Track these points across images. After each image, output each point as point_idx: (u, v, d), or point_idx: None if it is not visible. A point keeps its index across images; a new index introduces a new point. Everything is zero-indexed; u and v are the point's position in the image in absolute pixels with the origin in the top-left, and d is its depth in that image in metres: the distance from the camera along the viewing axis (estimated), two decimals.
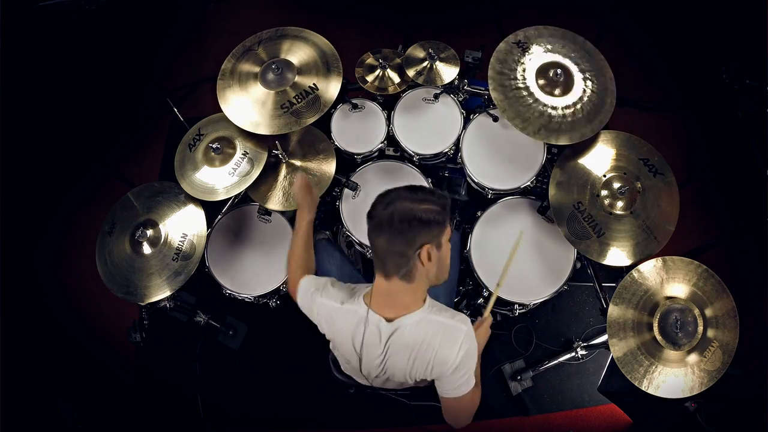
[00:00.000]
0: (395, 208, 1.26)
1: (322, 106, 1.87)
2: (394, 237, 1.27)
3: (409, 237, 1.27)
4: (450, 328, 1.37)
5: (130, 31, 2.94)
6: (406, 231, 1.26)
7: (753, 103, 1.94)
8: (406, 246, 1.27)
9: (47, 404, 2.05)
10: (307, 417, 2.47)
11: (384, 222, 1.26)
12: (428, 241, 1.28)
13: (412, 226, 1.25)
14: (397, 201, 1.27)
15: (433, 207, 1.28)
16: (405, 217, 1.25)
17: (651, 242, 1.79)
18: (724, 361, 1.64)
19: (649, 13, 3.29)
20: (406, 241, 1.27)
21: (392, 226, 1.25)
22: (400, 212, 1.25)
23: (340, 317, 1.45)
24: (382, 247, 1.30)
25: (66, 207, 3.00)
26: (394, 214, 1.25)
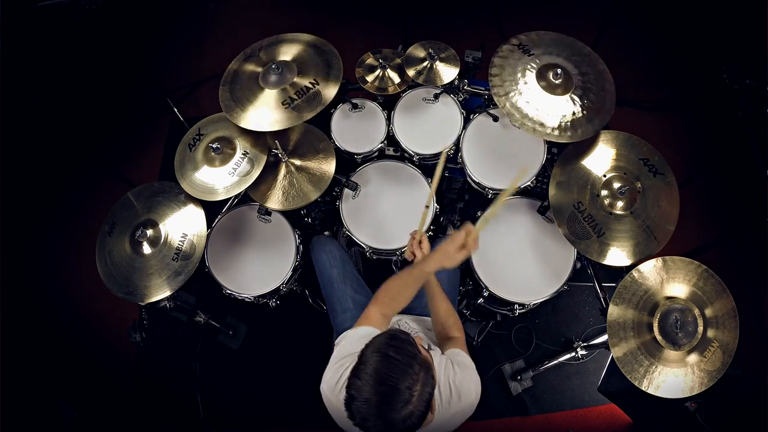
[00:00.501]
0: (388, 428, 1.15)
1: (322, 102, 1.87)
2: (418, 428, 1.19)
3: (426, 411, 1.20)
4: (466, 405, 1.40)
5: (130, 31, 2.94)
6: (423, 418, 1.19)
7: (753, 103, 1.94)
8: (425, 415, 1.21)
9: (47, 404, 2.05)
10: (307, 417, 2.46)
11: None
12: (431, 402, 1.22)
13: (417, 424, 1.18)
14: (380, 420, 1.15)
15: (420, 392, 1.17)
16: (406, 425, 1.16)
17: (651, 242, 1.78)
18: (724, 361, 1.64)
19: (649, 13, 3.30)
20: (424, 416, 1.20)
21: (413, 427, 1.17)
22: (411, 420, 1.15)
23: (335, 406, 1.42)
24: None
25: (66, 207, 3.00)
26: (410, 426, 1.16)
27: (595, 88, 1.88)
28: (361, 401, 1.16)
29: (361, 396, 1.16)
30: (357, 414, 1.16)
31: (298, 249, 2.12)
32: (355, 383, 1.18)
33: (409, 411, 1.15)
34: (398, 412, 1.15)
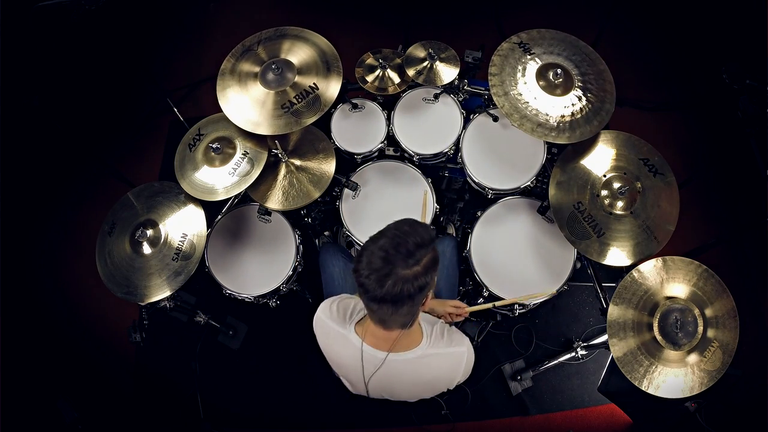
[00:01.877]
0: (395, 283, 1.14)
1: (322, 106, 1.87)
2: (398, 307, 1.19)
3: (416, 302, 1.21)
4: (451, 356, 1.41)
5: (130, 31, 2.95)
6: (412, 299, 1.19)
7: (753, 103, 1.95)
8: (411, 309, 1.23)
9: (47, 404, 2.05)
10: (307, 417, 2.47)
11: (385, 298, 1.16)
12: (427, 293, 1.24)
13: (416, 293, 1.18)
14: (392, 271, 1.14)
15: (429, 259, 1.18)
16: (408, 289, 1.15)
17: (651, 242, 1.79)
18: (724, 361, 1.63)
19: (650, 13, 3.30)
20: (411, 306, 1.22)
21: (398, 301, 1.17)
22: (401, 287, 1.15)
23: (333, 338, 1.46)
24: (385, 314, 1.22)
25: (66, 207, 3.00)
26: (396, 289, 1.15)
27: (595, 88, 1.88)
28: (375, 248, 1.16)
29: (375, 244, 1.17)
30: (366, 263, 1.16)
31: (298, 249, 2.12)
32: (371, 240, 1.20)
33: (414, 272, 1.15)
34: (406, 266, 1.14)
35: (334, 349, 1.49)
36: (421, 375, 1.42)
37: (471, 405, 2.40)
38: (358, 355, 1.40)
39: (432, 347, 1.39)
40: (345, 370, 1.52)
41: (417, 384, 1.46)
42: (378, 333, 1.34)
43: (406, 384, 1.45)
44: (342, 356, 1.47)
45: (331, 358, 1.53)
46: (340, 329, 1.43)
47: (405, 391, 1.49)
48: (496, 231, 2.10)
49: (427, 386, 1.47)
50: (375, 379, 1.44)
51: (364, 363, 1.41)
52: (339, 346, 1.45)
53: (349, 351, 1.42)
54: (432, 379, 1.44)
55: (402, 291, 1.15)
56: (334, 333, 1.44)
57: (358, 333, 1.40)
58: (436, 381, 1.45)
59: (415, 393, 1.52)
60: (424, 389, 1.49)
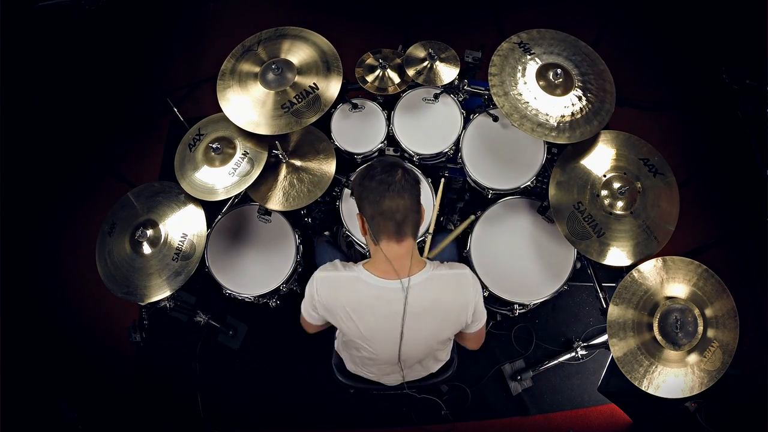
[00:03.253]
0: (403, 169, 1.35)
1: (323, 106, 1.87)
2: (412, 195, 1.35)
3: (418, 192, 1.39)
4: (457, 277, 1.46)
5: (130, 31, 2.94)
6: (416, 187, 1.37)
7: (753, 103, 1.94)
8: (418, 201, 1.39)
9: (47, 404, 2.05)
10: (307, 417, 2.47)
11: (402, 184, 1.32)
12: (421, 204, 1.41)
13: (417, 181, 1.38)
14: (397, 163, 1.36)
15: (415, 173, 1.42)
16: (413, 175, 1.37)
17: (651, 242, 1.79)
18: (724, 361, 1.64)
19: (649, 13, 3.30)
20: (418, 197, 1.38)
21: (409, 186, 1.34)
22: (409, 172, 1.36)
23: (344, 287, 1.45)
24: (403, 208, 1.34)
25: (66, 207, 3.00)
26: (407, 175, 1.35)
27: (595, 88, 1.88)
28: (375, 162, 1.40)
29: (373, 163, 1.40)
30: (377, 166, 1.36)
31: (298, 249, 2.12)
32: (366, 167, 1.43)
33: (410, 167, 1.40)
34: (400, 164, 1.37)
35: (350, 300, 1.42)
36: (436, 299, 1.43)
37: (471, 405, 2.40)
38: (377, 293, 1.40)
39: (436, 269, 1.44)
40: (371, 322, 1.44)
41: (436, 311, 1.44)
42: (396, 252, 1.37)
43: (427, 314, 1.43)
44: (362, 304, 1.42)
45: (353, 316, 1.44)
46: (349, 273, 1.44)
47: (428, 325, 1.46)
48: (496, 231, 2.10)
49: (446, 314, 1.47)
50: (407, 316, 1.41)
51: (386, 301, 1.40)
52: (354, 292, 1.42)
53: (366, 293, 1.40)
54: (446, 302, 1.45)
55: (410, 178, 1.35)
56: (344, 279, 1.44)
57: (370, 270, 1.42)
58: (452, 304, 1.46)
59: (437, 327, 1.49)
60: (444, 319, 1.48)
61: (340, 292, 1.45)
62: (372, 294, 1.41)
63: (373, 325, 1.46)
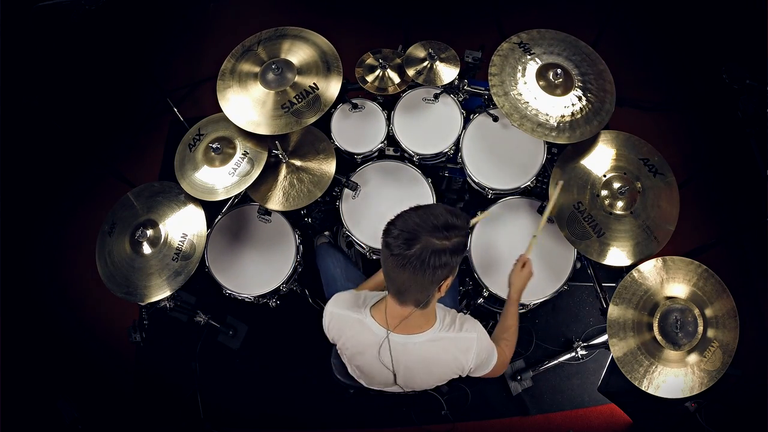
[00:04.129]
0: (422, 249, 1.15)
1: (323, 106, 1.87)
2: (419, 276, 1.19)
3: (436, 278, 1.21)
4: (460, 341, 1.41)
5: (130, 31, 2.94)
6: (432, 272, 1.19)
7: (753, 103, 1.94)
8: (431, 284, 1.23)
9: (47, 404, 2.05)
10: (307, 417, 2.47)
11: (409, 262, 1.16)
12: (449, 275, 1.25)
13: (438, 268, 1.18)
14: (421, 238, 1.16)
15: (458, 241, 1.20)
16: (433, 260, 1.16)
17: (651, 242, 1.79)
18: (724, 361, 1.64)
19: (649, 13, 3.29)
20: (432, 281, 1.22)
21: (420, 267, 1.17)
22: (428, 254, 1.16)
23: (349, 327, 1.46)
24: (403, 282, 1.23)
25: (66, 207, 3.00)
26: (422, 257, 1.16)
27: (595, 88, 1.88)
28: (412, 214, 1.21)
29: (413, 212, 1.22)
30: (400, 225, 1.20)
31: (298, 249, 2.12)
32: (411, 209, 1.25)
33: (443, 245, 1.17)
34: (436, 237, 1.16)
35: (351, 336, 1.46)
36: (431, 359, 1.42)
37: (471, 405, 2.40)
38: (378, 340, 1.40)
39: (442, 332, 1.40)
40: (368, 359, 1.48)
41: (429, 367, 1.46)
42: (395, 311, 1.34)
43: (420, 367, 1.45)
44: (362, 343, 1.45)
45: (351, 348, 1.50)
46: (355, 315, 1.43)
47: (420, 376, 1.49)
48: (496, 231, 2.10)
49: (439, 371, 1.47)
50: (395, 361, 1.43)
51: (383, 348, 1.41)
52: (357, 334, 1.44)
53: (368, 337, 1.42)
54: (442, 363, 1.44)
55: (426, 259, 1.16)
56: (351, 321, 1.44)
57: (375, 317, 1.40)
58: (446, 366, 1.45)
59: (429, 378, 1.51)
60: (437, 374, 1.49)
61: (344, 331, 1.48)
62: (371, 341, 1.42)
63: (368, 367, 1.52)
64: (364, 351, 1.46)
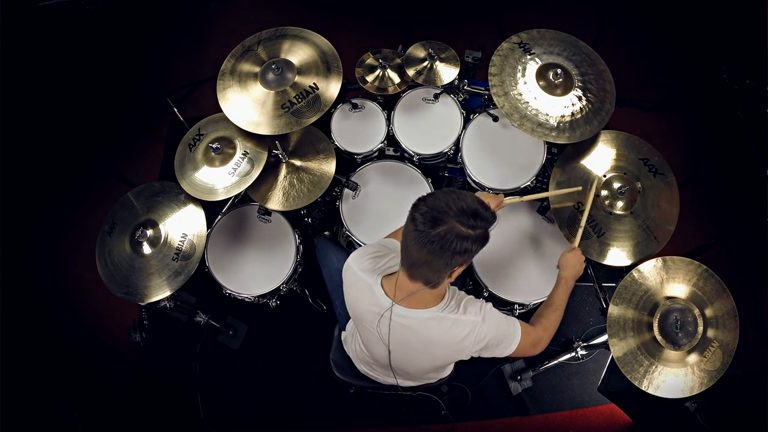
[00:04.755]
0: (447, 231, 1.18)
1: (323, 106, 1.87)
2: (436, 257, 1.21)
3: (452, 262, 1.23)
4: (460, 324, 1.40)
5: (130, 31, 2.94)
6: (450, 256, 1.21)
7: (753, 103, 1.94)
8: (444, 267, 1.25)
9: (47, 404, 2.05)
10: (307, 417, 2.47)
11: (431, 241, 1.18)
12: (464, 263, 1.27)
13: (457, 254, 1.21)
14: (448, 221, 1.18)
15: (482, 232, 1.23)
16: (455, 245, 1.19)
17: (651, 242, 1.79)
18: (724, 361, 1.64)
19: (650, 13, 3.29)
20: (446, 264, 1.24)
21: (439, 249, 1.19)
22: (451, 238, 1.18)
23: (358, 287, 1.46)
24: (419, 258, 1.24)
25: (66, 207, 3.00)
26: (445, 239, 1.18)
27: (595, 88, 1.88)
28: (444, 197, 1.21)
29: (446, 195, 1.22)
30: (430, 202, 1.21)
31: (298, 249, 2.12)
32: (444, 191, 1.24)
33: (466, 233, 1.19)
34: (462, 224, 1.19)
35: (357, 299, 1.48)
36: (430, 338, 1.41)
37: (471, 405, 2.40)
38: (380, 310, 1.40)
39: (445, 311, 1.39)
40: (367, 326, 1.49)
41: (427, 347, 1.45)
42: (404, 283, 1.34)
43: (418, 345, 1.45)
44: (364, 309, 1.46)
45: (354, 310, 1.53)
46: (367, 279, 1.43)
47: (418, 353, 1.49)
48: (496, 231, 2.09)
49: (437, 352, 1.47)
50: (392, 336, 1.44)
51: (384, 318, 1.41)
52: (363, 295, 1.44)
53: (372, 303, 1.42)
54: (441, 344, 1.43)
55: (449, 242, 1.18)
56: (362, 284, 1.44)
57: (384, 287, 1.41)
58: (445, 347, 1.44)
59: (427, 357, 1.51)
60: (434, 355, 1.49)
61: (352, 289, 1.49)
62: (374, 309, 1.43)
63: (367, 332, 1.52)
64: (364, 318, 1.47)
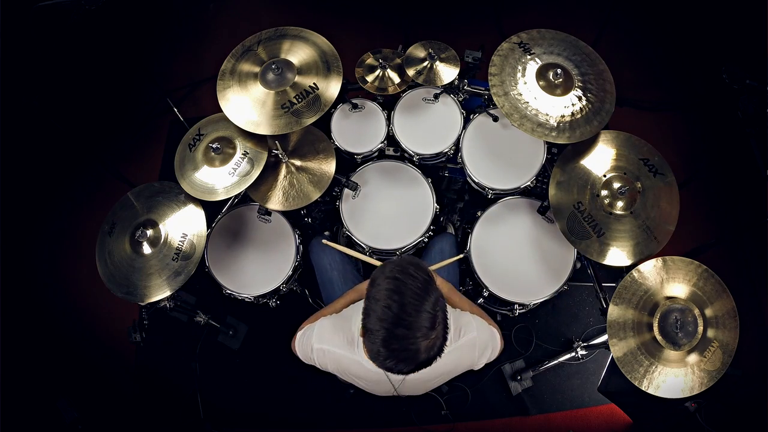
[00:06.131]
0: (426, 358, 1.16)
1: (323, 106, 1.87)
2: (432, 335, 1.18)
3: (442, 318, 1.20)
4: (463, 348, 1.42)
5: (130, 31, 2.94)
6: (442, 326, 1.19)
7: (753, 103, 1.95)
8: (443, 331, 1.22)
9: (47, 404, 2.05)
10: (307, 417, 2.47)
11: (425, 364, 1.18)
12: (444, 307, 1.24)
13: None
14: (420, 355, 1.15)
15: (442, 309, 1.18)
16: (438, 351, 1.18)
17: (651, 242, 1.79)
18: (724, 361, 1.64)
19: (649, 13, 3.29)
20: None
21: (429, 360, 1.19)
22: (433, 352, 1.16)
23: (347, 365, 1.44)
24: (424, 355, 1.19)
25: (66, 207, 3.00)
26: (432, 356, 1.17)
27: (595, 88, 1.88)
28: (382, 335, 1.13)
29: (382, 327, 1.13)
30: (386, 351, 1.14)
31: (298, 249, 2.12)
32: (371, 319, 1.15)
33: (436, 335, 1.15)
34: (427, 338, 1.13)
35: (351, 372, 1.46)
36: (439, 372, 1.43)
37: (471, 405, 2.41)
38: (380, 376, 1.38)
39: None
40: (368, 386, 1.52)
41: (438, 378, 1.48)
42: None
43: (430, 380, 1.47)
44: (363, 378, 1.46)
45: (352, 378, 1.51)
46: (351, 356, 1.40)
47: (431, 385, 1.52)
48: (496, 231, 2.10)
49: (449, 376, 1.49)
50: (402, 386, 1.46)
51: (390, 378, 1.41)
52: (357, 371, 1.43)
53: (368, 374, 1.41)
54: (451, 371, 1.46)
55: (432, 355, 1.16)
56: (347, 360, 1.41)
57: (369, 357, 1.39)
58: (455, 371, 1.47)
59: (437, 384, 1.55)
60: (445, 379, 1.51)
61: (342, 366, 1.45)
62: (374, 377, 1.42)
63: (371, 388, 1.54)
64: (365, 382, 1.48)
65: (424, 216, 2.12)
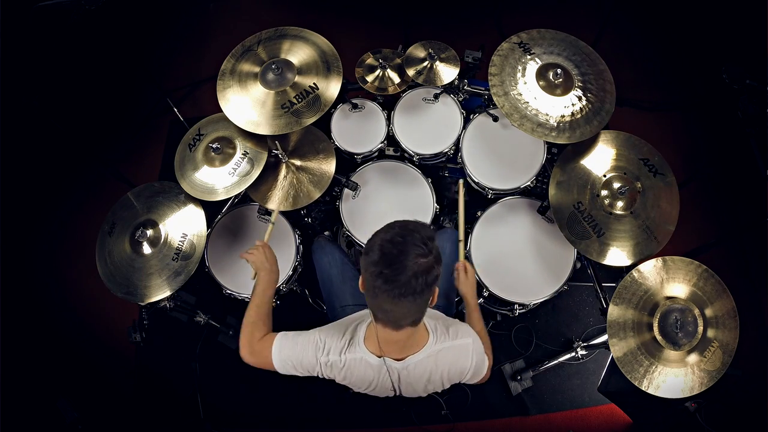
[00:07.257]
0: (417, 270, 1.15)
1: (323, 106, 1.87)
2: (418, 298, 1.19)
3: (430, 293, 1.22)
4: (458, 349, 1.43)
5: (130, 31, 2.94)
6: (428, 289, 1.20)
7: (753, 103, 1.95)
8: (426, 301, 1.24)
9: (47, 404, 2.05)
10: (307, 417, 2.47)
11: (411, 288, 1.16)
12: (437, 286, 1.24)
13: (431, 282, 1.19)
14: (409, 259, 1.14)
15: (437, 251, 1.19)
16: (427, 277, 1.17)
17: (651, 242, 1.79)
18: (724, 361, 1.64)
19: (649, 14, 3.30)
20: (427, 298, 1.23)
21: (419, 289, 1.17)
22: (422, 274, 1.15)
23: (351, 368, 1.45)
24: (403, 310, 1.22)
25: (66, 207, 3.00)
26: (419, 278, 1.15)
27: (595, 88, 1.88)
28: (386, 241, 1.16)
29: (386, 235, 1.18)
30: (380, 256, 1.16)
31: (298, 249, 2.12)
32: (379, 234, 1.20)
33: (429, 261, 1.16)
34: (421, 256, 1.15)
35: (356, 380, 1.47)
36: (433, 370, 1.44)
37: (471, 405, 2.40)
38: (382, 370, 1.41)
39: (438, 343, 1.41)
40: (372, 387, 1.51)
41: (432, 378, 1.47)
42: (390, 337, 1.33)
43: (422, 380, 1.47)
44: (365, 379, 1.46)
45: (356, 384, 1.52)
46: (353, 355, 1.41)
47: (423, 386, 1.51)
48: (496, 231, 2.10)
49: (442, 378, 1.49)
50: (402, 385, 1.47)
51: (390, 374, 1.42)
52: (360, 372, 1.44)
53: (371, 372, 1.43)
54: (444, 372, 1.45)
55: (420, 282, 1.15)
56: (353, 363, 1.42)
57: (369, 348, 1.40)
58: (448, 372, 1.46)
59: (431, 386, 1.54)
60: (439, 381, 1.51)
61: (348, 372, 1.45)
62: (372, 374, 1.44)
63: (372, 392, 1.54)
64: (369, 384, 1.48)
65: (424, 216, 2.12)
